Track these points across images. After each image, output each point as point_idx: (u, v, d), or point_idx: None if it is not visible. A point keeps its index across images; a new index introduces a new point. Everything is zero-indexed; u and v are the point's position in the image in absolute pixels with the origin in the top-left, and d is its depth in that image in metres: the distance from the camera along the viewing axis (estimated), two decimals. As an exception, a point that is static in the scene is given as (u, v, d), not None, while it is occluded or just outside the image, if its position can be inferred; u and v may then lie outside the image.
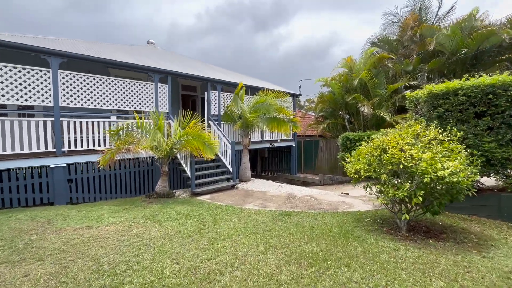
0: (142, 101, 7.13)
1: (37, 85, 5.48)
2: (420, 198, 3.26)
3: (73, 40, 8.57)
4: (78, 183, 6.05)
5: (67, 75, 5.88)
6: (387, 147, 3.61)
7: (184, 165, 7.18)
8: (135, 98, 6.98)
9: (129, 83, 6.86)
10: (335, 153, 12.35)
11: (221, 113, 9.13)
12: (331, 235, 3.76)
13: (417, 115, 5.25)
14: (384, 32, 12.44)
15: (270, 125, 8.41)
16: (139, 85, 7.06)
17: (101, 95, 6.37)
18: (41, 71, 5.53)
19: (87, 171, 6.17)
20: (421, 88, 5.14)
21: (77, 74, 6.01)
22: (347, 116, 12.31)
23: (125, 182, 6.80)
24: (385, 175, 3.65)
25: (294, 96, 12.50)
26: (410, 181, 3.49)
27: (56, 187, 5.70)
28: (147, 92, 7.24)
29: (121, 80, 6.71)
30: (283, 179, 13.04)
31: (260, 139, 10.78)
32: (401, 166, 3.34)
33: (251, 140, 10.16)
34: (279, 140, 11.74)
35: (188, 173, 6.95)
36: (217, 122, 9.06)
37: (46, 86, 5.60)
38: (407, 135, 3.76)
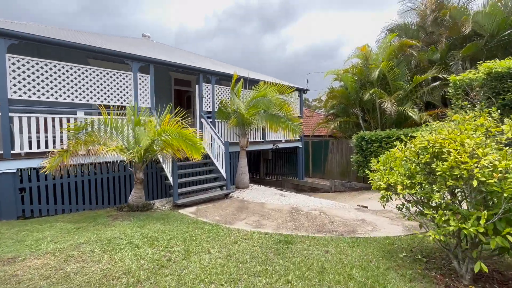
0: (118, 95, 6.00)
1: (-23, 72, 4.42)
2: (510, 238, 1.91)
3: (47, 26, 7.57)
4: (33, 193, 4.95)
5: (18, 61, 4.80)
6: (443, 150, 2.26)
7: (166, 170, 6.00)
8: (108, 91, 5.85)
9: (100, 73, 5.74)
10: (347, 155, 10.92)
11: (216, 110, 7.92)
12: (352, 286, 2.44)
13: (468, 106, 3.84)
14: (401, 20, 10.93)
15: (269, 124, 7.12)
16: (114, 75, 5.94)
17: (63, 86, 5.27)
18: (-18, 54, 4.47)
19: (46, 178, 5.06)
20: (447, 79, 3.73)
21: (32, 60, 4.93)
22: (362, 113, 10.87)
23: (95, 191, 5.67)
24: (438, 195, 2.30)
25: (301, 91, 11.16)
26: (484, 204, 2.14)
27: (3, 198, 4.61)
28: (123, 84, 6.10)
29: (90, 69, 5.59)
30: (289, 184, 11.71)
31: (262, 139, 9.50)
32: (474, 182, 1.99)
33: (251, 140, 8.91)
34: (283, 141, 10.43)
35: (170, 179, 5.75)
36: (211, 120, 7.86)
37: (-11, 74, 4.54)
38: (473, 132, 2.40)
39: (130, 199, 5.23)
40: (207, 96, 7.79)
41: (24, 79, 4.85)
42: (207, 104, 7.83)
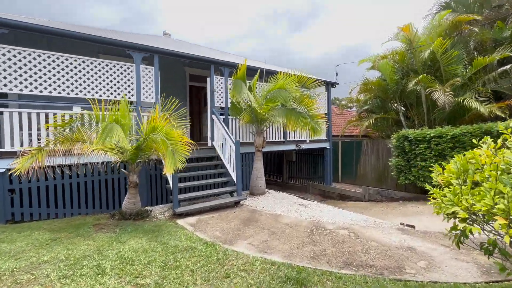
0: (118, 88, 5.45)
1: (-35, 64, 4.11)
2: None
3: (60, 22, 7.43)
4: (24, 195, 4.55)
5: (9, 51, 4.43)
6: None
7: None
8: (108, 84, 5.32)
9: (99, 64, 5.23)
10: (385, 158, 9.33)
11: (229, 106, 7.07)
12: None
13: None
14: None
15: (288, 121, 6.02)
16: (114, 66, 5.40)
17: (58, 79, 4.83)
18: (-30, 45, 4.16)
19: (38, 179, 4.64)
20: None
21: (24, 51, 4.54)
22: (403, 108, 9.19)
23: (92, 194, 5.16)
24: None
25: (329, 85, 9.83)
26: None
27: (-11, 200, 4.26)
28: (125, 77, 5.54)
29: (87, 60, 5.10)
30: (314, 189, 10.43)
31: (282, 139, 8.43)
32: None
33: (269, 140, 7.90)
34: (308, 141, 9.22)
35: (170, 183, 5.00)
36: (224, 117, 7.03)
37: (-23, 66, 4.21)
38: None
39: (123, 205, 4.59)
40: (219, 90, 6.99)
41: (15, 71, 4.47)
42: (220, 99, 7.02)
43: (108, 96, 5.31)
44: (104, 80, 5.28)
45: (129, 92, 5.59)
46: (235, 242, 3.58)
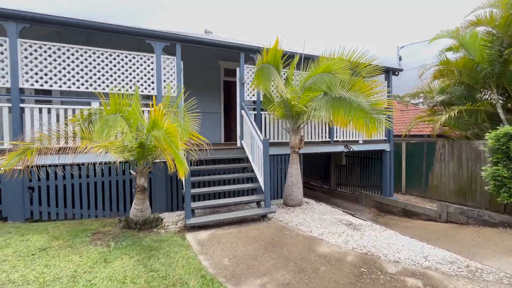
0: (138, 81, 5.01)
1: (-9, 60, 4.13)
2: None
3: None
4: (42, 193, 4.41)
5: (31, 46, 4.35)
6: None
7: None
8: (127, 77, 4.92)
9: (118, 56, 4.86)
10: (471, 165, 6.96)
11: (262, 99, 6.07)
12: None
13: None
14: None
15: (334, 114, 4.61)
16: (134, 58, 4.97)
17: (77, 73, 4.60)
18: (-5, 41, 4.16)
19: (56, 178, 4.47)
20: None
21: (45, 45, 4.41)
22: (501, 97, 6.68)
23: (109, 195, 4.80)
24: None
25: (390, 73, 7.91)
26: None
27: (8, 197, 4.19)
28: (144, 69, 5.08)
29: (106, 52, 4.78)
30: (369, 201, 8.58)
31: (327, 139, 7.00)
32: None
33: (309, 140, 6.60)
34: (361, 141, 7.53)
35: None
36: (255, 112, 6.07)
37: (2, 61, 4.20)
38: None
39: (130, 212, 4.02)
40: (250, 81, 6.04)
41: (36, 66, 4.37)
42: (251, 92, 6.07)
43: (127, 90, 4.91)
44: (123, 74, 4.89)
45: (149, 85, 5.11)
46: (243, 281, 2.54)
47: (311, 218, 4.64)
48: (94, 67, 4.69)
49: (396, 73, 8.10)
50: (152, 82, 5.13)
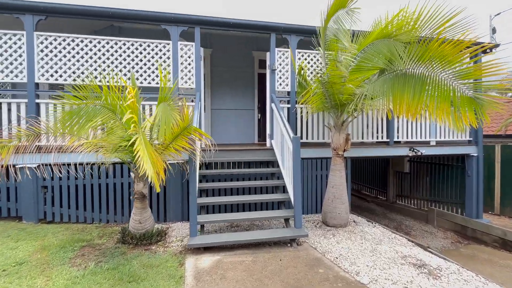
0: (153, 73, 4.46)
1: (11, 55, 4.04)
2: None
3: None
4: (55, 193, 4.18)
5: (46, 39, 4.16)
6: None
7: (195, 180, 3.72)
8: (141, 68, 4.41)
9: (132, 45, 4.38)
10: None
11: (297, 90, 4.93)
12: None
13: None
14: None
15: (397, 99, 3.15)
16: (148, 46, 4.43)
17: (91, 65, 4.26)
18: (14, 35, 4.06)
19: (68, 178, 4.19)
20: None
21: (59, 37, 4.18)
22: None
23: (121, 198, 4.33)
24: None
25: (478, 49, 5.78)
26: None
27: (23, 196, 4.04)
28: (160, 58, 4.50)
29: (120, 42, 4.34)
30: (443, 221, 6.52)
31: (384, 139, 5.43)
32: None
33: (356, 140, 5.17)
34: (433, 142, 5.68)
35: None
36: (289, 106, 4.97)
37: (20, 56, 4.09)
38: None
39: (129, 223, 3.39)
40: (283, 68, 4.97)
41: (51, 59, 4.17)
42: (284, 81, 4.99)
43: (141, 83, 4.40)
44: (137, 64, 4.40)
45: (164, 77, 4.50)
46: None
47: (359, 248, 3.31)
48: (99, 58, 4.28)
49: (489, 51, 5.92)
50: (169, 73, 4.52)
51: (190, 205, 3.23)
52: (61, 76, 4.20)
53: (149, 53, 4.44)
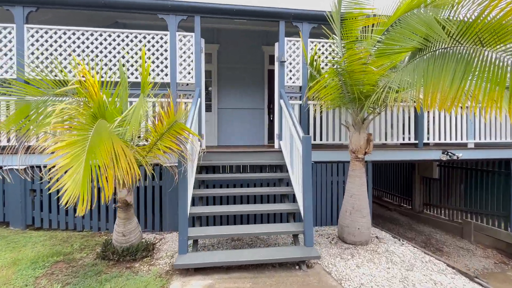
0: (155, 67, 4.07)
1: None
2: None
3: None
4: (44, 197, 3.87)
5: (37, 32, 3.89)
6: None
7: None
8: (136, 62, 4.03)
9: (126, 37, 4.01)
10: None
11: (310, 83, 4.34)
12: None
13: None
14: None
15: (430, 87, 2.46)
16: (144, 38, 4.05)
17: (83, 59, 3.94)
18: (4, 29, 3.83)
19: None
20: None
21: (51, 29, 3.89)
22: None
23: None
24: None
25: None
26: None
27: (11, 199, 3.77)
28: (157, 51, 4.10)
29: (113, 34, 3.98)
30: (484, 238, 5.61)
31: (411, 140, 4.69)
32: None
33: (379, 140, 4.49)
34: (471, 144, 4.86)
35: (188, 206, 2.93)
36: (300, 102, 4.40)
37: (10, 51, 3.84)
38: None
39: (113, 236, 2.96)
40: (293, 60, 4.41)
41: (42, 53, 3.89)
42: (294, 74, 4.43)
43: (136, 78, 4.02)
44: (132, 58, 4.03)
45: (161, 71, 4.11)
46: None
47: (385, 275, 2.65)
48: (92, 51, 3.94)
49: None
50: (166, 67, 4.11)
51: (179, 216, 2.74)
52: (51, 71, 3.91)
53: (145, 45, 4.06)
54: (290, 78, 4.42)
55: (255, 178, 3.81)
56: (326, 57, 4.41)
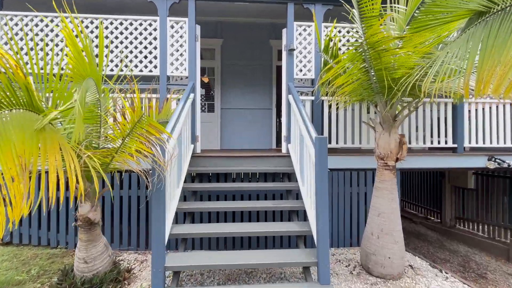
0: (136, 57, 3.52)
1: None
2: None
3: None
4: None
5: (12, 19, 3.44)
6: None
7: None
8: (122, 51, 3.50)
9: (111, 23, 3.50)
10: None
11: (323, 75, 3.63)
12: None
13: None
14: None
15: (489, 61, 1.72)
16: (131, 24, 3.52)
17: (61, 49, 3.46)
18: (-24, 17, 3.41)
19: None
20: None
21: (26, 16, 3.44)
22: None
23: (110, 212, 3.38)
24: None
25: None
26: None
27: (-25, 211, 3.28)
28: (145, 39, 3.55)
29: (96, 20, 3.48)
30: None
31: (450, 143, 3.86)
32: None
33: (414, 146, 3.71)
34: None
35: (165, 226, 2.29)
36: (312, 98, 3.70)
37: (-18, 41, 3.42)
38: None
39: (74, 263, 2.36)
40: (304, 49, 3.74)
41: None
42: (305, 65, 3.75)
43: (121, 70, 3.49)
44: (116, 47, 3.50)
45: (150, 62, 3.55)
46: None
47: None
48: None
49: None
50: (155, 58, 3.55)
51: (152, 240, 2.10)
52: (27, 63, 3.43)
53: (131, 33, 3.52)
54: (301, 70, 3.74)
55: (257, 189, 3.13)
56: (344, 45, 3.69)
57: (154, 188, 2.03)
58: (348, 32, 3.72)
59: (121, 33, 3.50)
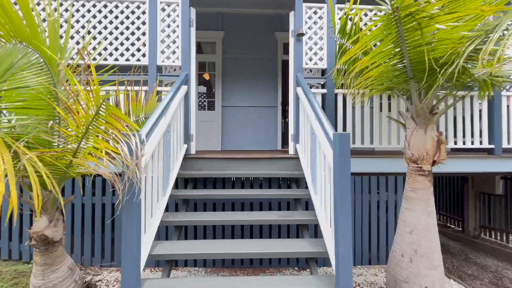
0: (122, 45, 3.07)
1: None
2: None
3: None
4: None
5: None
6: None
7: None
8: (106, 38, 3.06)
9: (93, 6, 3.07)
10: None
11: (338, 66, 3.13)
12: None
13: None
14: None
15: None
16: (116, 7, 3.08)
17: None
18: None
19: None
20: None
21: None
22: None
23: (101, 223, 2.94)
24: None
25: None
26: None
27: None
28: (132, 24, 3.10)
29: (77, 2, 3.05)
30: None
31: (486, 144, 3.29)
32: None
33: (453, 147, 3.15)
34: None
35: (142, 241, 1.81)
36: (325, 91, 3.20)
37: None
38: None
39: None
40: (315, 35, 3.24)
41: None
42: (316, 53, 3.24)
43: (105, 59, 3.04)
44: (99, 33, 3.06)
45: (138, 50, 3.10)
46: None
47: None
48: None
49: None
50: (144, 45, 3.10)
51: (122, 261, 1.62)
52: None
53: (116, 17, 3.08)
54: (310, 59, 3.24)
55: (260, 197, 2.63)
56: (366, 24, 3.18)
57: (123, 199, 1.56)
58: (365, 15, 3.21)
59: (105, 17, 3.06)
